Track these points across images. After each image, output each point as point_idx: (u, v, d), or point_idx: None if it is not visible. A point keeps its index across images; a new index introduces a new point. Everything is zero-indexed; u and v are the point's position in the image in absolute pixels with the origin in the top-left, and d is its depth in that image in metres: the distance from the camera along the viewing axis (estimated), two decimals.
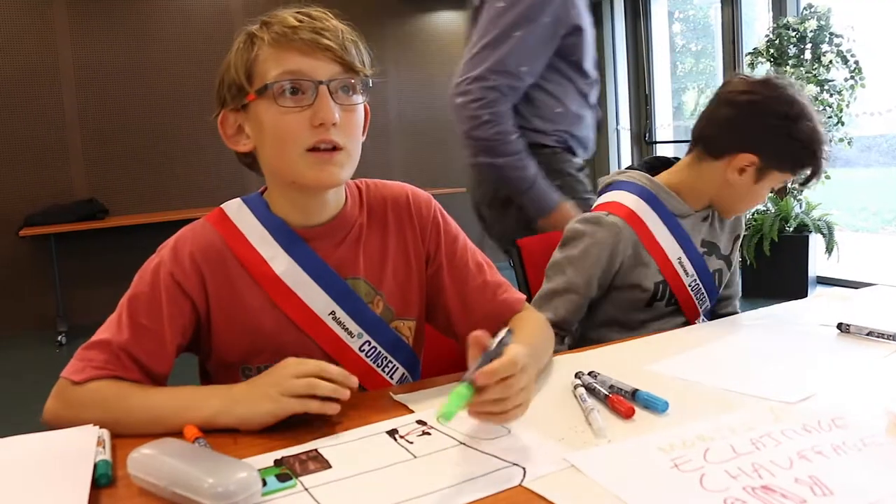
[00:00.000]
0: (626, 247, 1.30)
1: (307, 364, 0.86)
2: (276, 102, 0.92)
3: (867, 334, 1.10)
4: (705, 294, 1.37)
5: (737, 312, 1.54)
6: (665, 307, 1.35)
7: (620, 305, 1.35)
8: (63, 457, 0.78)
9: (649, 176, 1.36)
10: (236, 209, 1.02)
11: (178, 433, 0.82)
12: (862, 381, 0.92)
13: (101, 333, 0.94)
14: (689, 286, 1.34)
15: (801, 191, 4.33)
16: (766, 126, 1.26)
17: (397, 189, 1.09)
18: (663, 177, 1.37)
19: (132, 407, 0.88)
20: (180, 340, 0.97)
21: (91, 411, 0.87)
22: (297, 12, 0.96)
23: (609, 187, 1.40)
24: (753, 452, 0.72)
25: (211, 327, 0.99)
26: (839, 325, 1.15)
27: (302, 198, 1.00)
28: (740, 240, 1.48)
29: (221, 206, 1.03)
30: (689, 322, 1.37)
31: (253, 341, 0.98)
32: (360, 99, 0.97)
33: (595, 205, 1.39)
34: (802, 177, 1.32)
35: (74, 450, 0.78)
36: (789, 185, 1.40)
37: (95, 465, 0.74)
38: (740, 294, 1.56)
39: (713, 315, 1.49)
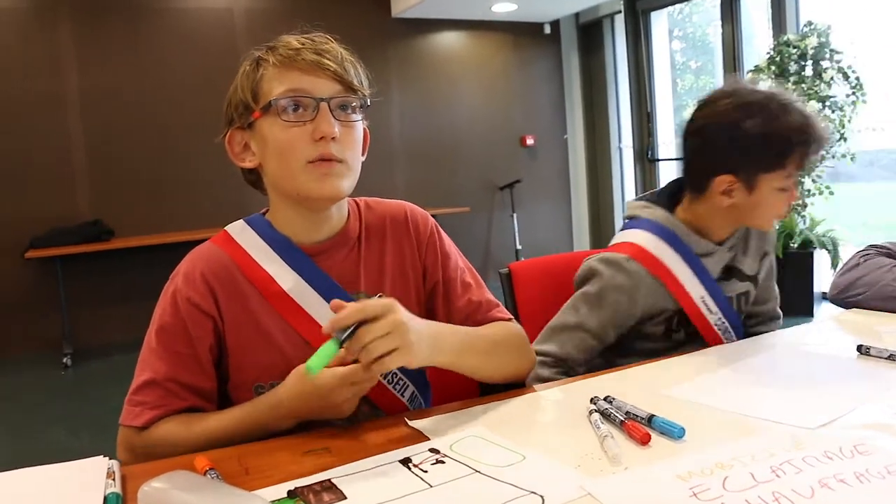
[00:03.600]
0: (647, 294, 1.26)
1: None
2: (280, 118, 0.97)
3: (888, 357, 1.07)
4: (731, 332, 1.31)
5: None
6: (684, 336, 1.31)
7: (642, 336, 1.31)
8: (72, 490, 0.77)
9: (671, 217, 1.31)
10: (240, 230, 1.06)
11: None
12: (884, 405, 0.89)
13: (142, 374, 0.97)
14: (715, 325, 1.29)
15: (805, 206, 4.33)
16: (716, 146, 1.22)
17: (395, 206, 1.14)
18: (679, 214, 1.32)
19: (209, 430, 0.93)
20: (212, 357, 1.00)
21: (163, 450, 0.90)
22: (301, 36, 1.02)
23: (630, 223, 1.35)
24: (774, 480, 0.70)
25: (227, 345, 1.01)
26: (859, 348, 1.12)
27: (306, 213, 1.03)
28: (771, 256, 1.41)
29: (225, 228, 1.06)
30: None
31: (265, 357, 1.00)
32: (358, 117, 1.02)
33: (614, 241, 1.35)
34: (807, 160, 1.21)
35: (84, 483, 0.77)
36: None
37: (105, 499, 0.73)
38: (780, 316, 1.46)
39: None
